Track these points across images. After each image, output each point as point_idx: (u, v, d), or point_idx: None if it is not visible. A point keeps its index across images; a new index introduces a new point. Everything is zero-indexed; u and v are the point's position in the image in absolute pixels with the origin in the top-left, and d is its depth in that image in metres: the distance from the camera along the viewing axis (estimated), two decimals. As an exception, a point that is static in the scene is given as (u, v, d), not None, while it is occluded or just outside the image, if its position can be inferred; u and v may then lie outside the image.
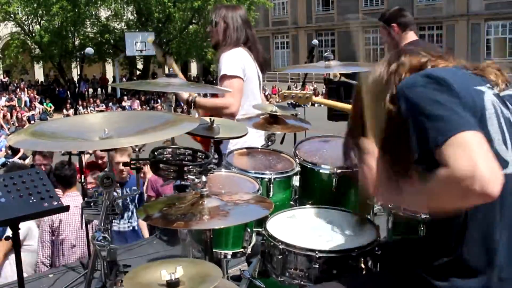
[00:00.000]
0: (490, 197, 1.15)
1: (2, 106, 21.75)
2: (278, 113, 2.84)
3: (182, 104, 3.48)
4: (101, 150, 4.20)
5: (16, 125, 19.23)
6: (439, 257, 1.39)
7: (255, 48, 3.27)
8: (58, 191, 3.67)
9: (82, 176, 3.94)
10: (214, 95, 3.34)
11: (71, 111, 20.55)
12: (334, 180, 2.47)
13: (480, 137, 1.21)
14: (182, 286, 1.53)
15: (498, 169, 1.16)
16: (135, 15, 28.79)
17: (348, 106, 3.12)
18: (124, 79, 29.29)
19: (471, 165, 1.14)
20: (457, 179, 1.15)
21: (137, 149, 3.63)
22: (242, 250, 2.23)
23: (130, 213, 4.40)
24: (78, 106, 18.61)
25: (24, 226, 3.63)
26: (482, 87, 1.38)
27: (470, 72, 1.44)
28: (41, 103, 24.71)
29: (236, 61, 3.12)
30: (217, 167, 2.48)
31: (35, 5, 25.59)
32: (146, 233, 4.55)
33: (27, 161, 12.30)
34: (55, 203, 2.47)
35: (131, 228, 4.41)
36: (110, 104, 24.94)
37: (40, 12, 26.27)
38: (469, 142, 1.19)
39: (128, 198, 4.35)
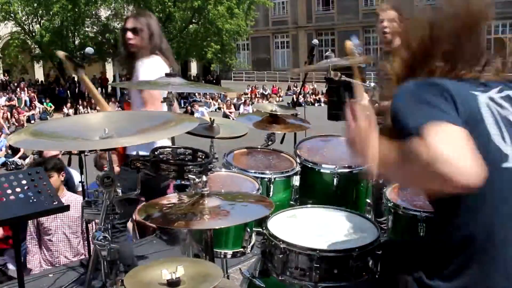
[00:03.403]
0: (467, 188, 1.14)
1: (2, 106, 21.72)
2: (278, 113, 2.84)
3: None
4: (101, 150, 4.14)
5: (16, 124, 19.21)
6: (440, 259, 1.38)
7: (169, 57, 3.30)
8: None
9: (83, 176, 3.93)
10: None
11: (71, 111, 20.51)
12: (335, 179, 2.47)
13: (464, 133, 1.22)
14: (183, 285, 1.53)
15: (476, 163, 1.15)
16: (135, 15, 28.75)
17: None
18: (123, 79, 29.28)
19: (456, 155, 1.14)
20: (437, 160, 1.13)
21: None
22: (242, 249, 2.23)
23: None
24: (78, 106, 18.63)
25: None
26: (475, 91, 1.40)
27: (465, 76, 1.45)
28: (41, 102, 24.66)
29: (154, 69, 3.07)
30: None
31: (35, 4, 25.56)
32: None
33: (27, 160, 12.30)
34: (55, 203, 2.47)
35: None
36: (110, 103, 24.92)
37: (40, 11, 26.23)
38: (454, 132, 1.21)
39: None
